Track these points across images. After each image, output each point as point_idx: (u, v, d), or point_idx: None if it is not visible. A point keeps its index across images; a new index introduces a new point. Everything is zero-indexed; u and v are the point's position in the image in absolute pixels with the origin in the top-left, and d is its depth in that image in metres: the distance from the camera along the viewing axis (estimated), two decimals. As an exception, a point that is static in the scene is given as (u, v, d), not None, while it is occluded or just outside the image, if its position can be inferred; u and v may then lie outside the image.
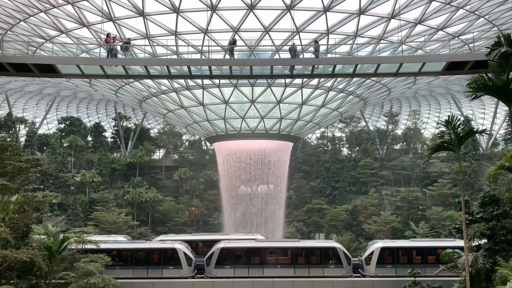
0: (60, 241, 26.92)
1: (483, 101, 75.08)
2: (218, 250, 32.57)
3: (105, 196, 65.34)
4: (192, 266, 32.94)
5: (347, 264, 32.24)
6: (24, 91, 71.64)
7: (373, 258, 32.41)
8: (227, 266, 32.06)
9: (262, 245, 33.74)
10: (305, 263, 32.54)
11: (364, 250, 34.79)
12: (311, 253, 33.22)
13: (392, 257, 32.77)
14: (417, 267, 31.76)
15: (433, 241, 36.51)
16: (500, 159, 27.84)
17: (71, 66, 28.96)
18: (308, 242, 35.16)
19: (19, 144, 66.40)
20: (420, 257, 32.79)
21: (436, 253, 33.29)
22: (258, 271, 32.18)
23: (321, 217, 67.45)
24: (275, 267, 32.43)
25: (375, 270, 32.16)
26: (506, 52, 21.12)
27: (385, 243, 34.16)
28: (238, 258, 32.97)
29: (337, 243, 34.30)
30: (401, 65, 28.41)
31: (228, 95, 53.29)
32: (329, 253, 32.88)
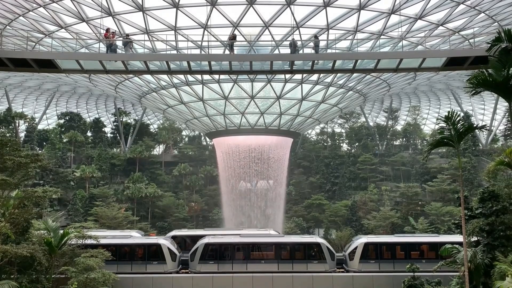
0: (60, 236, 26.99)
1: (483, 97, 75.04)
2: (202, 245, 32.67)
3: (105, 191, 65.40)
4: (177, 261, 33.01)
5: (330, 260, 32.38)
6: (23, 86, 71.50)
7: (357, 254, 32.57)
8: (211, 261, 32.12)
9: (246, 241, 33.75)
10: (289, 259, 32.68)
11: (348, 246, 34.85)
12: (295, 248, 33.28)
13: (376, 252, 32.92)
14: (401, 262, 32.05)
15: (417, 236, 36.69)
16: (499, 155, 27.85)
17: (71, 61, 28.89)
18: (293, 238, 35.13)
19: (19, 139, 66.40)
20: (404, 252, 32.94)
21: (420, 249, 33.51)
22: (242, 266, 32.30)
23: (320, 213, 67.61)
24: (259, 262, 32.54)
25: (359, 266, 32.31)
26: (506, 48, 21.08)
27: (368, 238, 34.31)
28: (222, 253, 33.01)
29: (321, 239, 34.21)
30: (401, 61, 28.35)
31: (227, 91, 53.22)
32: (312, 249, 33.01)
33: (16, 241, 24.41)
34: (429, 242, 33.70)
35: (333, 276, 31.42)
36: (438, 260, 31.59)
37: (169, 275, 31.79)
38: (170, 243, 33.55)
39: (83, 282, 25.52)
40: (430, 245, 33.34)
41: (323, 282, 31.35)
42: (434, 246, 32.97)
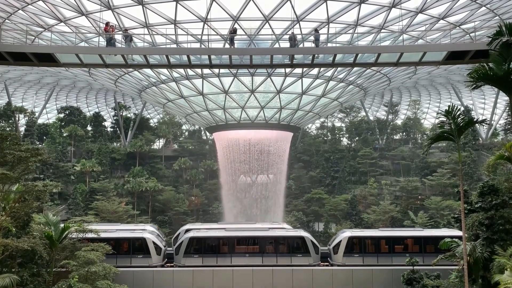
0: (61, 230, 27.09)
1: (483, 91, 74.91)
2: (187, 239, 32.81)
3: (105, 185, 65.51)
4: (162, 255, 33.18)
5: (314, 253, 32.53)
6: (23, 81, 71.36)
7: (341, 247, 32.72)
8: (196, 255, 32.29)
9: (230, 235, 33.89)
10: (273, 252, 32.87)
11: (333, 239, 34.96)
12: (279, 242, 33.46)
13: (360, 246, 33.10)
14: (385, 256, 32.38)
15: (401, 230, 36.88)
16: (499, 149, 27.88)
17: (70, 55, 28.81)
18: (277, 232, 35.18)
19: (19, 133, 66.38)
20: (388, 246, 33.15)
21: (404, 243, 33.68)
22: (226, 260, 32.46)
23: (320, 207, 67.78)
24: (243, 256, 32.71)
25: (342, 259, 32.49)
26: (507, 42, 20.99)
27: (353, 232, 34.47)
28: (207, 247, 33.18)
29: (305, 232, 34.27)
30: (401, 55, 28.27)
31: (227, 85, 53.12)
32: (297, 242, 33.15)
33: (17, 235, 24.52)
34: (413, 236, 33.93)
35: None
36: (422, 254, 31.94)
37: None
38: (155, 237, 33.63)
39: (84, 276, 25.65)
40: (414, 239, 33.56)
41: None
42: (418, 240, 33.22)
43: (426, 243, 33.02)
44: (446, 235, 33.35)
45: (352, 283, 31.12)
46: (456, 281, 25.46)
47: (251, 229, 36.79)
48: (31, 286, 24.32)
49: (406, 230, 37.38)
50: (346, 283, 31.20)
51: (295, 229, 35.98)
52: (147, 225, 40.83)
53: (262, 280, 31.24)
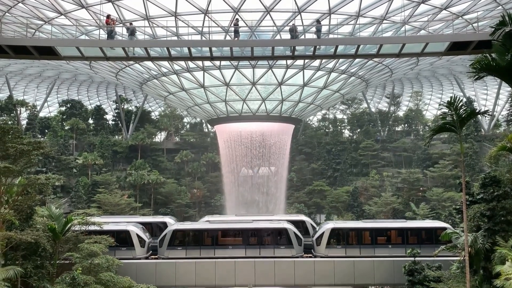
0: (64, 223, 27.23)
1: (486, 82, 74.55)
2: (170, 232, 32.94)
3: (107, 178, 65.71)
4: (146, 247, 33.31)
5: (297, 245, 32.58)
6: (24, 74, 71.30)
7: (323, 239, 32.79)
8: (179, 247, 32.41)
9: (213, 227, 33.99)
10: (256, 244, 32.96)
11: (316, 231, 35.04)
12: (263, 234, 33.54)
13: (342, 237, 33.21)
14: (367, 248, 32.45)
15: (384, 222, 36.89)
16: (501, 140, 27.79)
17: (71, 48, 28.74)
18: (261, 223, 35.25)
19: (21, 127, 66.50)
20: (371, 238, 33.25)
21: (387, 234, 33.80)
22: (209, 252, 32.56)
23: (322, 199, 67.95)
24: (226, 248, 32.82)
25: (325, 251, 32.56)
26: (510, 32, 20.83)
27: (335, 224, 34.58)
28: (190, 239, 33.31)
29: (288, 224, 34.29)
30: (403, 46, 28.10)
31: (229, 77, 52.99)
32: (280, 234, 33.22)
33: (20, 228, 24.69)
34: (396, 228, 34.03)
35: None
36: (404, 245, 32.08)
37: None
38: (139, 230, 33.76)
39: (87, 268, 25.85)
40: (397, 230, 33.66)
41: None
42: (401, 232, 33.30)
43: (408, 235, 33.10)
44: (429, 227, 33.61)
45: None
46: (457, 272, 25.56)
47: (234, 221, 36.89)
48: (35, 278, 24.52)
49: (389, 221, 37.51)
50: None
51: (279, 221, 35.84)
52: (166, 217, 41.40)
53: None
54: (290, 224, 34.40)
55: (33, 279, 24.41)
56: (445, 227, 33.21)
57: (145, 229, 35.24)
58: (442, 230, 32.51)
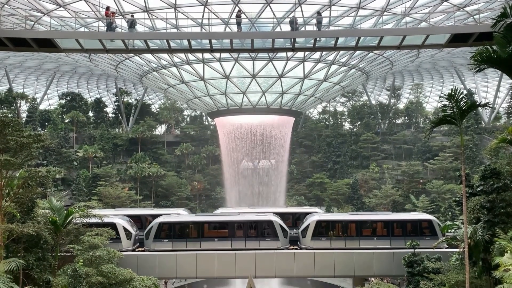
0: (65, 215, 27.36)
1: (486, 74, 74.32)
2: (156, 224, 33.01)
3: (108, 171, 65.86)
4: (132, 240, 33.42)
5: (283, 237, 32.68)
6: (23, 67, 71.09)
7: (309, 231, 32.83)
8: (165, 240, 32.50)
9: (200, 219, 34.05)
10: (242, 236, 33.05)
11: (302, 223, 35.18)
12: (248, 226, 33.64)
13: (328, 229, 33.24)
14: (352, 240, 32.59)
15: (369, 214, 36.82)
16: (502, 133, 27.80)
17: (70, 40, 28.63)
18: (246, 216, 35.31)
19: (21, 119, 66.46)
20: (356, 230, 33.36)
21: (372, 226, 33.94)
22: (196, 244, 32.64)
23: (322, 191, 68.14)
24: (212, 240, 32.89)
25: (310, 243, 32.61)
26: (511, 24, 20.72)
27: (321, 216, 34.53)
28: (177, 232, 33.37)
29: (273, 216, 34.34)
30: (404, 38, 27.98)
31: (229, 70, 52.83)
32: (265, 226, 33.27)
33: (22, 220, 24.79)
34: (381, 220, 34.09)
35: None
36: (389, 237, 32.24)
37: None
38: (126, 222, 33.85)
39: (89, 260, 26.01)
40: (382, 222, 33.77)
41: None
42: (386, 224, 33.41)
43: (394, 227, 33.22)
44: (414, 219, 33.74)
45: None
46: (456, 263, 25.70)
47: (220, 214, 36.87)
48: (37, 270, 24.68)
49: (374, 214, 37.53)
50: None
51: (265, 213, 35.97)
52: (179, 209, 41.71)
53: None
54: (275, 216, 34.44)
55: (35, 271, 24.57)
56: (430, 219, 33.40)
57: (132, 222, 35.32)
58: (427, 222, 32.85)
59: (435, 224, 32.74)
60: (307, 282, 50.74)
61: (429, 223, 32.91)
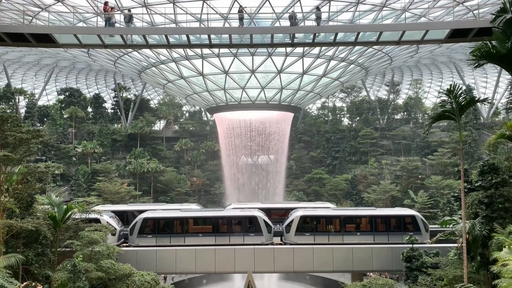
0: (64, 211, 27.34)
1: (485, 70, 74.32)
2: (140, 219, 33.12)
3: (107, 166, 65.86)
4: (117, 235, 33.40)
5: (267, 232, 32.78)
6: (21, 62, 70.87)
7: (293, 226, 32.91)
8: (149, 235, 32.56)
9: (184, 215, 34.01)
10: (226, 232, 33.12)
11: (286, 218, 35.29)
12: (232, 222, 33.72)
13: (312, 225, 33.38)
14: (336, 235, 32.71)
15: (353, 210, 36.88)
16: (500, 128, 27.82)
17: (68, 35, 28.48)
18: (231, 212, 35.44)
19: (19, 115, 66.33)
20: (339, 225, 33.50)
21: (356, 222, 34.03)
22: (179, 240, 32.71)
23: (321, 187, 68.25)
24: (196, 236, 32.96)
25: (294, 238, 32.72)
26: (511, 19, 20.66)
27: (305, 211, 34.50)
28: (161, 227, 33.44)
29: (258, 212, 34.39)
30: (403, 33, 27.91)
31: (228, 65, 52.72)
32: (249, 222, 33.33)
33: (21, 216, 24.78)
34: (364, 215, 34.19)
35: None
36: (373, 233, 32.37)
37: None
38: (110, 218, 33.81)
39: (88, 255, 26.04)
40: (365, 218, 33.86)
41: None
42: (369, 219, 33.51)
43: (377, 222, 33.33)
44: (397, 214, 33.86)
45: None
46: (454, 258, 25.80)
47: (204, 210, 36.96)
48: (36, 265, 24.72)
49: (357, 209, 37.57)
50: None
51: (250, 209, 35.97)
52: (192, 204, 41.72)
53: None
54: (260, 212, 34.53)
55: (35, 266, 24.61)
56: (413, 214, 33.54)
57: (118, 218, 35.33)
58: (411, 218, 32.99)
59: (419, 219, 32.86)
60: (305, 277, 50.96)
61: (413, 218, 33.04)
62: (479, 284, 21.60)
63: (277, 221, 37.39)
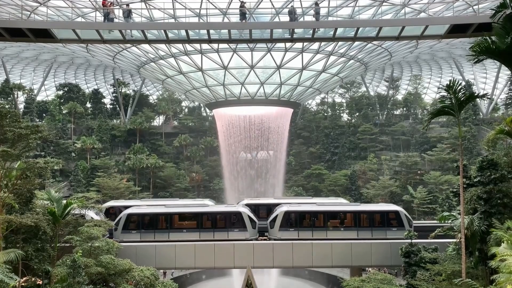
0: (63, 206, 27.36)
1: (485, 66, 74.26)
2: (124, 216, 33.20)
3: (106, 162, 65.86)
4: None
5: (251, 228, 32.85)
6: (20, 57, 70.65)
7: (277, 222, 32.96)
8: (133, 231, 32.64)
9: (168, 211, 34.04)
10: (211, 227, 33.21)
11: (271, 213, 35.32)
12: (216, 217, 33.75)
13: (295, 220, 33.41)
14: (320, 230, 32.79)
15: (337, 205, 36.73)
16: (500, 124, 27.83)
17: (67, 30, 28.39)
18: (215, 207, 35.50)
19: (18, 111, 66.19)
20: (323, 221, 33.56)
21: (340, 217, 34.11)
22: (164, 235, 32.79)
23: (320, 182, 68.36)
24: (180, 231, 32.99)
25: (278, 233, 32.80)
26: (510, 14, 20.61)
27: (289, 207, 34.54)
28: (145, 223, 33.51)
29: (242, 208, 34.38)
30: (403, 28, 27.86)
31: (227, 61, 52.58)
32: (234, 218, 33.37)
33: (20, 211, 24.79)
34: (348, 211, 34.31)
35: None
36: (356, 228, 32.49)
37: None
38: (94, 214, 33.83)
39: (88, 250, 26.10)
40: (349, 213, 33.97)
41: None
42: (353, 215, 33.62)
43: (360, 218, 33.45)
44: (381, 210, 33.96)
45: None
46: (453, 253, 25.90)
47: (189, 205, 36.93)
48: (36, 260, 24.76)
49: (342, 205, 37.27)
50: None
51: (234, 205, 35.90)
52: (205, 200, 41.75)
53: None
54: (244, 207, 34.51)
55: (34, 261, 24.65)
56: (397, 210, 33.64)
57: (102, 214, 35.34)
58: (394, 213, 33.10)
59: (402, 215, 32.96)
60: (304, 272, 51.16)
61: (396, 214, 33.13)
62: (477, 279, 21.68)
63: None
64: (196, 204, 37.91)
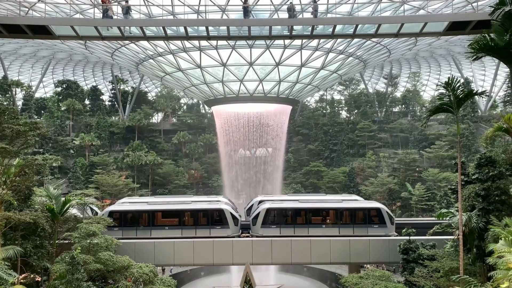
0: (62, 203, 27.36)
1: (484, 63, 74.32)
2: (106, 213, 33.15)
3: (104, 159, 65.80)
4: None
5: (233, 225, 32.86)
6: (18, 54, 70.42)
7: (259, 219, 32.99)
8: (116, 228, 32.43)
9: (150, 208, 34.01)
10: (193, 224, 33.24)
11: (253, 211, 35.28)
12: (199, 215, 33.73)
13: (278, 217, 33.46)
14: (302, 227, 32.85)
15: (319, 202, 36.70)
16: (498, 121, 27.88)
17: (65, 27, 28.31)
18: (198, 204, 35.25)
19: (16, 107, 66.06)
20: (305, 218, 33.62)
21: (322, 214, 34.18)
22: (145, 232, 32.84)
23: (318, 179, 68.45)
24: (162, 228, 33.04)
25: (260, 230, 32.84)
26: (510, 12, 20.62)
27: (271, 204, 34.53)
28: (127, 220, 33.52)
29: (225, 205, 34.40)
30: (402, 26, 27.85)
31: (226, 58, 52.48)
32: (216, 215, 33.30)
33: (19, 208, 24.81)
34: (331, 208, 34.30)
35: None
36: (338, 225, 32.58)
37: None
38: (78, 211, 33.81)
39: (86, 247, 26.11)
40: (332, 210, 34.01)
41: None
42: (335, 212, 33.71)
43: (342, 215, 33.51)
44: (362, 207, 34.03)
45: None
46: (451, 250, 26.00)
47: (172, 202, 36.80)
48: (35, 257, 24.80)
49: (324, 201, 37.19)
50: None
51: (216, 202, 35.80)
52: (220, 196, 41.67)
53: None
54: (226, 205, 34.50)
55: (33, 258, 24.68)
56: (378, 207, 33.65)
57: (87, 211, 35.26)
58: (376, 211, 33.14)
59: (384, 212, 32.96)
60: (303, 269, 51.29)
61: (378, 211, 33.13)
62: (475, 275, 21.78)
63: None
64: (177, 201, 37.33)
